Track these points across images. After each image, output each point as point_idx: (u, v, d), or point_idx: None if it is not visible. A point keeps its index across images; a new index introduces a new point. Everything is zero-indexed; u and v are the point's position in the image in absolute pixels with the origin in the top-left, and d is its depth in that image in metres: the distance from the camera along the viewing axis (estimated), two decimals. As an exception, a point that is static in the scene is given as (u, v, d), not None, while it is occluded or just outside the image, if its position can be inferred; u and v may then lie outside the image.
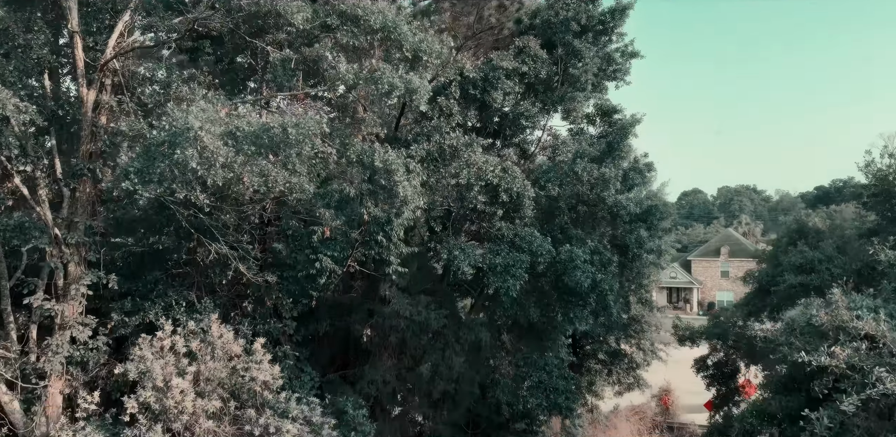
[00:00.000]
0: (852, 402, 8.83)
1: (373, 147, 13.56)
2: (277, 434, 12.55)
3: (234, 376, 13.11)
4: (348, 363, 19.65)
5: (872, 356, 9.39)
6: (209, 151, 10.73)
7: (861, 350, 9.70)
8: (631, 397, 41.85)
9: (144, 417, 11.54)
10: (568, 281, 17.70)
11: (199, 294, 16.55)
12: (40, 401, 14.22)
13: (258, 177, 12.27)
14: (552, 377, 19.03)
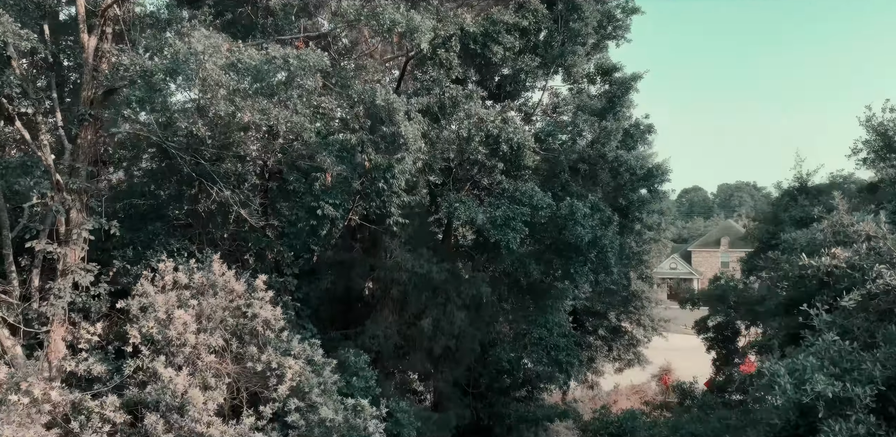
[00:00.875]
0: (853, 297, 8.86)
1: (374, 87, 13.57)
2: (279, 370, 12.57)
3: (236, 313, 13.13)
4: (349, 323, 19.68)
5: (873, 256, 9.42)
6: (211, 79, 10.73)
7: (861, 251, 9.73)
8: (631, 376, 41.97)
9: (147, 348, 11.56)
10: (568, 236, 17.73)
11: (201, 246, 16.58)
12: (43, 347, 14.26)
13: (259, 114, 12.28)
14: (553, 335, 19.08)
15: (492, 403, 23.84)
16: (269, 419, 12.21)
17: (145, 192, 16.14)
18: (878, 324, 8.98)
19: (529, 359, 18.64)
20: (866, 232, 10.02)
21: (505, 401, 24.24)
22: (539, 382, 25.31)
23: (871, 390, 7.97)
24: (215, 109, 10.98)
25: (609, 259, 18.99)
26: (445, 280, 17.92)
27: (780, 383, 8.25)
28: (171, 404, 11.03)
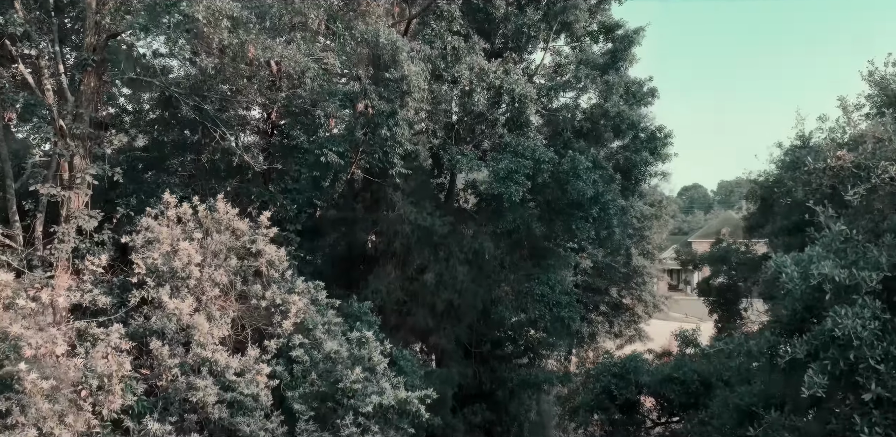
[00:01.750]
0: (858, 191, 8.86)
1: (377, 26, 13.57)
2: (284, 306, 12.60)
3: (241, 253, 13.15)
4: (352, 281, 19.71)
5: (879, 155, 9.40)
6: (215, 6, 10.74)
7: (867, 151, 9.73)
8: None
9: (152, 280, 11.57)
10: (570, 190, 17.75)
11: (203, 198, 16.62)
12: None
13: (264, 50, 12.29)
14: (555, 292, 19.09)
15: (494, 368, 23.91)
16: (273, 355, 12.24)
17: (149, 141, 16.15)
18: (882, 219, 8.98)
19: (531, 316, 18.61)
20: (873, 133, 10.02)
21: (508, 366, 24.32)
22: (541, 348, 25.41)
23: (878, 276, 7.99)
24: (218, 37, 10.97)
25: (611, 217, 19.00)
26: (448, 234, 17.95)
27: (787, 271, 8.28)
28: (175, 332, 11.06)
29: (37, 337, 8.13)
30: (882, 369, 7.68)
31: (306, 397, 11.87)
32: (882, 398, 7.73)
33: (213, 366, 10.88)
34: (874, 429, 7.65)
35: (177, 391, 10.63)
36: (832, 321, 7.88)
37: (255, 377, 11.23)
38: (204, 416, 10.72)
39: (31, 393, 7.60)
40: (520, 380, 23.10)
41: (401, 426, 11.42)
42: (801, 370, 8.04)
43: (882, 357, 7.72)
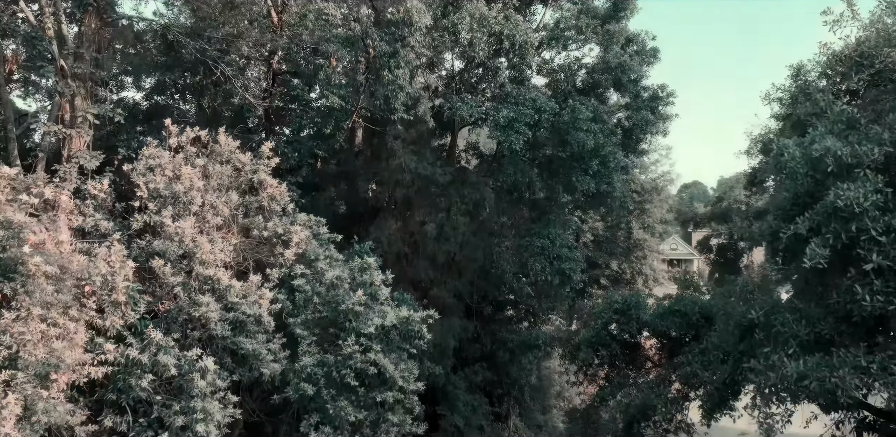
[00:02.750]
0: (862, 78, 8.87)
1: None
2: (286, 236, 12.62)
3: (242, 187, 13.17)
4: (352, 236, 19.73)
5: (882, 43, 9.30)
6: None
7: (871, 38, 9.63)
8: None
9: (154, 204, 11.58)
10: (570, 141, 17.76)
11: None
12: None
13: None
14: (555, 246, 19.09)
15: (495, 331, 23.95)
16: (275, 284, 12.26)
17: (150, 87, 16.16)
18: (884, 100, 8.96)
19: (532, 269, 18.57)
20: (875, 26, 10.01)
21: (508, 329, 24.37)
22: (541, 310, 25.44)
23: (880, 150, 8.00)
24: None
25: (611, 171, 19.01)
26: (449, 184, 17.96)
27: (789, 151, 8.29)
28: (178, 255, 11.06)
29: (40, 226, 8.16)
30: (884, 240, 7.72)
31: (308, 323, 11.92)
32: (882, 268, 7.77)
33: (215, 285, 10.91)
34: (875, 297, 7.69)
35: (179, 309, 10.66)
36: (834, 194, 7.90)
37: (257, 300, 11.26)
38: (206, 334, 10.75)
39: (35, 276, 7.62)
40: (520, 341, 23.13)
41: (403, 347, 11.44)
42: (802, 247, 8.06)
43: (884, 230, 7.76)
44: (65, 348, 7.45)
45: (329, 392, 10.93)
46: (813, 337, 8.50)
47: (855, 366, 7.81)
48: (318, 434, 10.69)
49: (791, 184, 9.08)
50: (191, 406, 9.68)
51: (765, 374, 8.58)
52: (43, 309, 7.64)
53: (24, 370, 7.17)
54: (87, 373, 8.09)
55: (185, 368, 9.83)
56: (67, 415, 7.87)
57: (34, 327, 7.35)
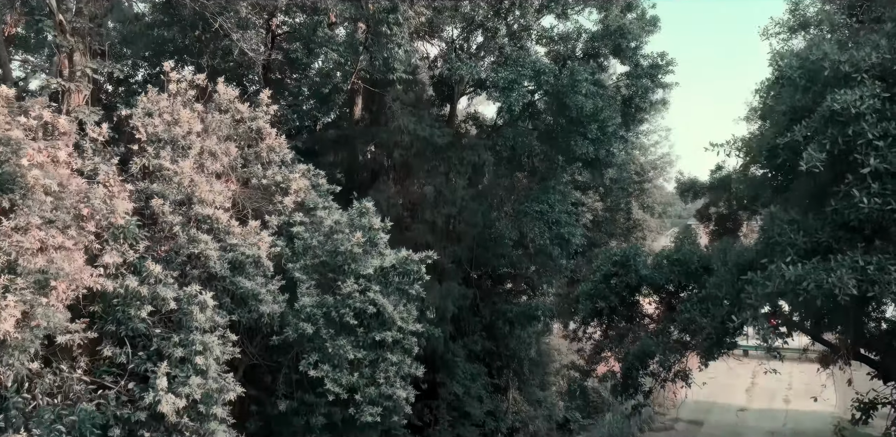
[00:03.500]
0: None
1: None
2: (284, 183, 12.63)
3: (242, 137, 13.18)
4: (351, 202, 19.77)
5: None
6: None
7: None
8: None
9: (153, 148, 11.57)
10: (569, 103, 17.73)
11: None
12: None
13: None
14: (554, 211, 19.09)
15: (494, 302, 23.99)
16: (274, 232, 12.26)
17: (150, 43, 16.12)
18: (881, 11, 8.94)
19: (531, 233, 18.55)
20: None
21: (507, 299, 24.41)
22: (540, 283, 25.48)
23: (877, 56, 8.00)
24: None
25: (609, 134, 18.98)
26: (447, 147, 17.97)
27: (787, 61, 8.27)
28: (176, 195, 11.06)
29: (39, 143, 8.17)
30: (881, 145, 7.71)
31: (307, 268, 11.93)
32: (880, 171, 7.76)
33: (214, 224, 10.92)
34: (872, 200, 7.69)
35: (178, 248, 10.66)
36: (831, 99, 7.90)
37: (256, 243, 11.27)
38: (205, 273, 10.76)
39: (33, 189, 7.62)
40: (519, 312, 23.16)
41: (402, 288, 11.46)
42: (799, 156, 8.06)
43: (881, 134, 7.75)
44: (63, 258, 7.46)
45: (328, 332, 10.96)
46: (811, 246, 8.50)
47: (853, 267, 7.82)
48: (317, 372, 10.72)
49: (788, 94, 9.05)
50: (190, 339, 9.69)
51: (762, 284, 8.58)
52: (43, 224, 7.64)
53: (23, 276, 7.18)
54: (86, 284, 8.08)
55: (184, 301, 9.84)
56: (67, 322, 7.88)
57: (33, 234, 7.35)
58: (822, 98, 8.17)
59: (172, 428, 9.39)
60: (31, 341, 7.27)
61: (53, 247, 7.44)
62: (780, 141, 8.45)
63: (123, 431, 9.27)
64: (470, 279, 21.50)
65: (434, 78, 21.68)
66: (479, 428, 22.92)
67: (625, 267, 14.74)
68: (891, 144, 7.71)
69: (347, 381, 10.73)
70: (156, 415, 9.35)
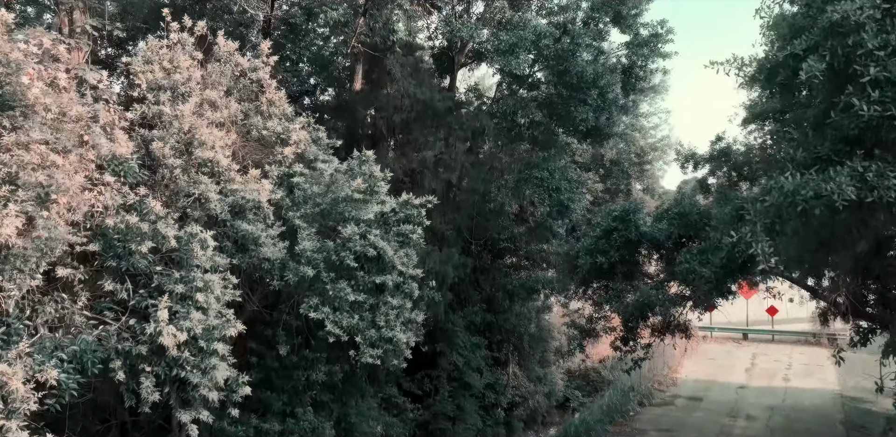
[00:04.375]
0: None
1: None
2: (285, 134, 12.64)
3: (241, 92, 13.18)
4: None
5: None
6: None
7: None
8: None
9: (152, 95, 11.56)
10: (569, 68, 17.76)
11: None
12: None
13: None
14: (555, 178, 19.12)
15: (494, 276, 24.02)
16: (274, 182, 12.26)
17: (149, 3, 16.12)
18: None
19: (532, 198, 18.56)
20: None
21: (507, 273, 24.43)
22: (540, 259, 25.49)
23: None
24: None
25: (609, 103, 19.02)
26: (447, 111, 17.97)
27: None
28: (176, 139, 11.06)
29: (38, 66, 8.17)
30: (881, 54, 7.71)
31: (307, 217, 11.94)
32: (880, 79, 7.75)
33: (214, 167, 10.93)
34: (872, 107, 7.69)
35: (179, 190, 10.67)
36: (830, 10, 7.90)
37: (256, 189, 11.27)
38: (206, 215, 10.78)
39: (34, 107, 7.61)
40: (519, 284, 23.22)
41: (402, 232, 11.47)
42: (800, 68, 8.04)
43: (882, 45, 7.75)
44: (64, 175, 7.45)
45: (328, 276, 10.97)
46: (810, 160, 8.49)
47: (851, 175, 7.81)
48: (318, 314, 10.74)
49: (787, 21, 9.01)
50: (191, 276, 9.71)
51: (761, 199, 8.56)
52: (43, 142, 7.63)
53: (23, 188, 7.18)
54: (88, 200, 8.07)
55: (185, 240, 9.85)
56: (69, 235, 7.88)
57: (34, 150, 7.34)
58: (823, 12, 8.15)
59: (173, 363, 9.39)
60: (34, 250, 7.26)
61: (54, 165, 7.43)
62: (779, 54, 8.44)
63: (125, 365, 9.28)
64: (470, 249, 21.53)
65: (434, 49, 21.70)
66: (478, 400, 22.99)
67: (625, 222, 14.75)
68: (891, 54, 7.70)
69: (348, 323, 10.74)
70: (157, 349, 9.36)
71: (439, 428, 21.00)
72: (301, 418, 14.03)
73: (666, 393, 28.48)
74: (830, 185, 7.67)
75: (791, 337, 40.58)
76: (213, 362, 9.57)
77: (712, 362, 35.13)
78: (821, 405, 26.15)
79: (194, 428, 9.57)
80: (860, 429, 22.93)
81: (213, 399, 9.56)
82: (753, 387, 29.35)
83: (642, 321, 14.17)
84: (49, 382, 8.12)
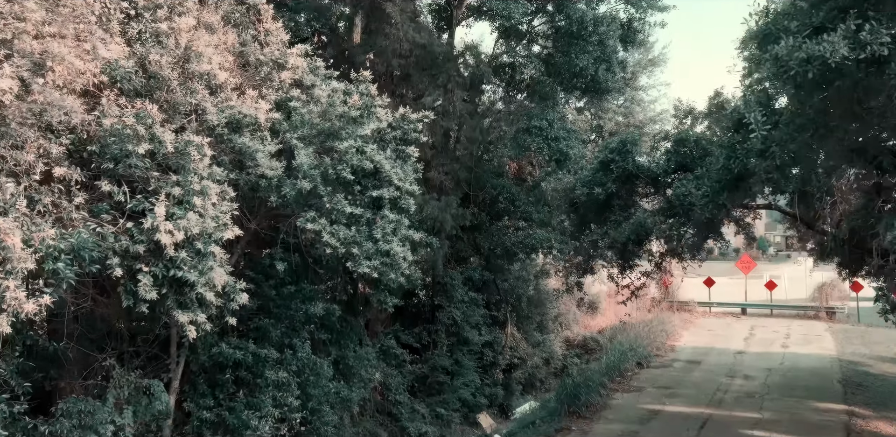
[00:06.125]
0: None
1: None
2: (282, 60, 12.65)
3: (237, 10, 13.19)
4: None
5: None
6: None
7: None
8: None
9: (149, 13, 11.54)
10: (570, 13, 17.76)
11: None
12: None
13: None
14: (553, 127, 19.13)
15: (493, 234, 24.04)
16: (271, 108, 12.27)
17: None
18: None
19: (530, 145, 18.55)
20: None
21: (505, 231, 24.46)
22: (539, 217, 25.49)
23: None
24: None
25: (608, 53, 19.02)
26: (446, 58, 17.95)
27: None
28: (174, 53, 11.05)
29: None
30: None
31: (304, 139, 11.96)
32: None
33: (211, 80, 10.95)
34: None
35: (176, 103, 10.69)
36: None
37: (253, 104, 11.30)
38: (204, 127, 10.80)
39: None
40: (517, 240, 23.24)
41: (399, 147, 11.49)
42: None
43: None
44: (60, 44, 7.45)
45: (326, 190, 10.99)
46: (804, 28, 8.43)
47: (845, 36, 7.78)
48: (315, 225, 10.76)
49: None
50: (188, 180, 9.73)
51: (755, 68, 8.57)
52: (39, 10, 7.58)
53: (19, 53, 7.17)
54: (80, 69, 8.06)
55: (182, 145, 9.87)
56: (63, 103, 7.89)
57: (29, 19, 7.33)
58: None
59: (171, 264, 9.42)
60: (30, 114, 7.27)
61: (50, 35, 7.43)
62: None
63: (122, 265, 9.30)
64: (468, 203, 21.56)
65: (431, 4, 21.70)
66: (477, 358, 23.06)
67: (622, 154, 14.76)
68: None
69: (345, 235, 10.76)
70: (154, 250, 9.40)
71: (437, 381, 21.09)
72: (299, 350, 14.09)
73: (664, 357, 28.56)
74: (823, 45, 7.65)
75: (790, 312, 40.66)
76: (210, 263, 9.60)
77: (711, 332, 35.20)
78: (818, 366, 26.22)
79: (192, 329, 9.61)
80: (857, 387, 22.99)
81: (210, 300, 9.58)
82: (751, 352, 29.44)
83: (638, 246, 14.17)
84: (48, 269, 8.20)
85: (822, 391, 22.29)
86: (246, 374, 13.02)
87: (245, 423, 12.51)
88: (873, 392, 22.29)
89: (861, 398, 21.39)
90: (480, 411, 22.72)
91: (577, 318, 34.04)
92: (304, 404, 14.08)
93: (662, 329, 32.44)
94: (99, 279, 9.99)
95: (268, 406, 13.10)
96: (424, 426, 19.41)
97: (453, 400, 21.03)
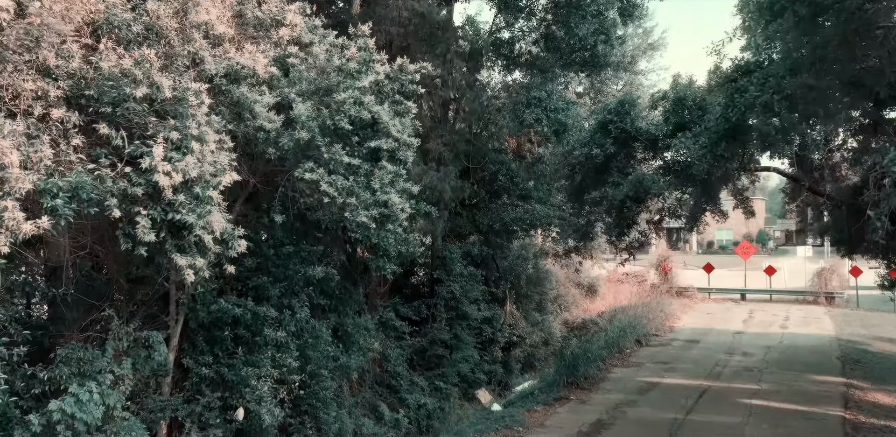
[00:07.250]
0: None
1: None
2: (280, 15, 12.63)
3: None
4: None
5: None
6: None
7: None
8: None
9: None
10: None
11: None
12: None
13: None
14: (552, 99, 19.14)
15: (492, 210, 24.05)
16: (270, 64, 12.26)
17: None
18: None
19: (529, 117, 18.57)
20: None
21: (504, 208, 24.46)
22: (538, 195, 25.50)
23: None
24: None
25: (607, 26, 19.01)
26: (445, 26, 17.94)
27: None
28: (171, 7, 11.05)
29: None
30: None
31: (302, 93, 11.95)
32: None
33: (209, 31, 10.94)
34: None
35: (174, 54, 10.67)
36: None
37: (252, 56, 11.29)
38: (202, 76, 10.79)
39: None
40: (516, 216, 23.24)
41: (396, 100, 11.49)
42: None
43: None
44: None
45: (324, 140, 11.00)
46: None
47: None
48: (313, 175, 10.77)
49: None
50: (186, 124, 9.74)
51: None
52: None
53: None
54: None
55: (180, 91, 9.86)
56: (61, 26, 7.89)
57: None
58: None
59: (169, 207, 9.43)
60: (27, 35, 7.26)
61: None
62: None
63: (120, 208, 9.29)
64: (468, 177, 21.56)
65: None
66: (476, 334, 23.09)
67: (620, 115, 14.76)
68: None
69: (342, 184, 10.77)
70: (152, 193, 9.41)
71: (437, 355, 21.11)
72: (298, 311, 14.11)
73: (663, 337, 28.62)
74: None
75: (789, 297, 40.72)
76: (208, 208, 9.61)
77: (710, 315, 35.26)
78: (817, 345, 26.28)
79: (190, 273, 9.60)
80: (856, 363, 23.05)
81: (208, 244, 9.58)
82: (750, 333, 29.50)
83: (637, 204, 14.15)
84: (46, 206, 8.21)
85: (821, 366, 22.36)
86: (245, 332, 13.03)
87: (244, 380, 12.52)
88: (871, 368, 22.35)
89: (859, 373, 21.45)
90: (479, 387, 22.76)
91: (577, 300, 34.08)
92: (303, 367, 14.11)
93: (661, 311, 32.50)
94: (97, 225, 9.99)
95: (266, 366, 13.12)
96: (423, 397, 19.43)
97: (452, 374, 21.06)
